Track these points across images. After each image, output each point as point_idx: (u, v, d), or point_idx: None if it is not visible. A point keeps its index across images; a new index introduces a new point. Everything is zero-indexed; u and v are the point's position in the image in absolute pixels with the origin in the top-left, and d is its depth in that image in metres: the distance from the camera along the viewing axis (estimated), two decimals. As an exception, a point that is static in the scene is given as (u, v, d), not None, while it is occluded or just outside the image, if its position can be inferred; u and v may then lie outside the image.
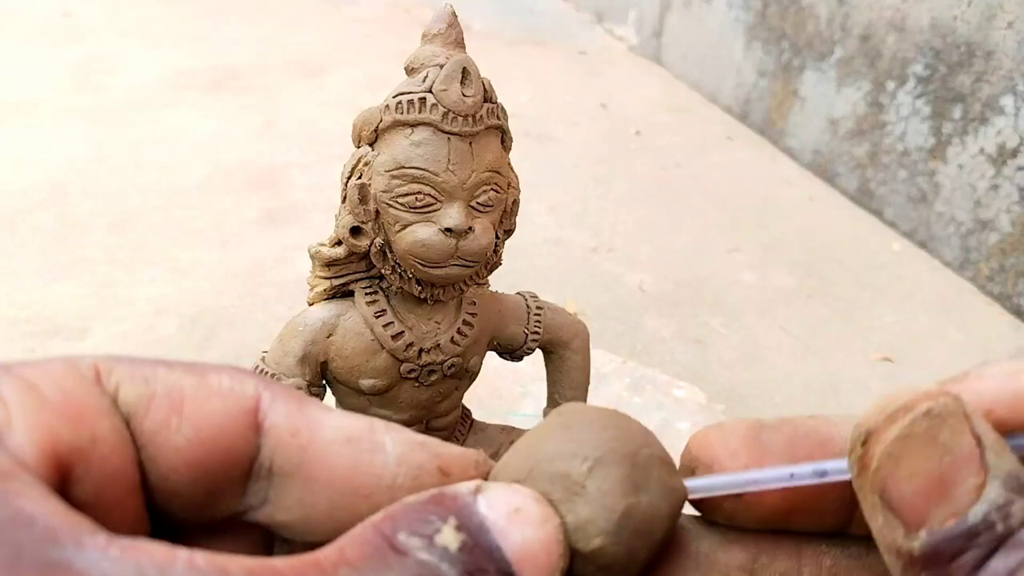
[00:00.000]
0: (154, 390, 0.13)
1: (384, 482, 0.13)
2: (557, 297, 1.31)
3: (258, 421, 0.13)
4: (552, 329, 0.60)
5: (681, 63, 2.57)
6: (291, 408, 0.13)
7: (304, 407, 0.13)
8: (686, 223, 1.66)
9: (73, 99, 1.85)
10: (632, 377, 1.08)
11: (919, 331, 1.38)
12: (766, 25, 2.15)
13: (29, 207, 1.40)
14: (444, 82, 0.46)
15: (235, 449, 0.13)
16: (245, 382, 0.13)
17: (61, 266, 1.25)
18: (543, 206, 1.62)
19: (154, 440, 0.12)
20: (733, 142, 2.13)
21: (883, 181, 1.77)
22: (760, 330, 1.32)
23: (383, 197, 0.47)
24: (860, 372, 1.25)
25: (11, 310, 1.13)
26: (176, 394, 0.13)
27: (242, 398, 0.13)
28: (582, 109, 2.21)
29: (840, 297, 1.46)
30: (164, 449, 0.12)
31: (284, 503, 0.13)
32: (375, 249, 0.50)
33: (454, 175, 0.47)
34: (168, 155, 1.65)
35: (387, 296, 0.53)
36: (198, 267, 1.28)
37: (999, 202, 1.50)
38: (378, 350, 0.53)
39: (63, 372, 0.12)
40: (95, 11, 2.44)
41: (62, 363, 0.12)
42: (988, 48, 1.51)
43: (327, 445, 0.13)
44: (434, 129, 0.46)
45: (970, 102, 1.55)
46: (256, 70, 2.14)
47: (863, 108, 1.82)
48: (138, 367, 0.13)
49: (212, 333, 1.14)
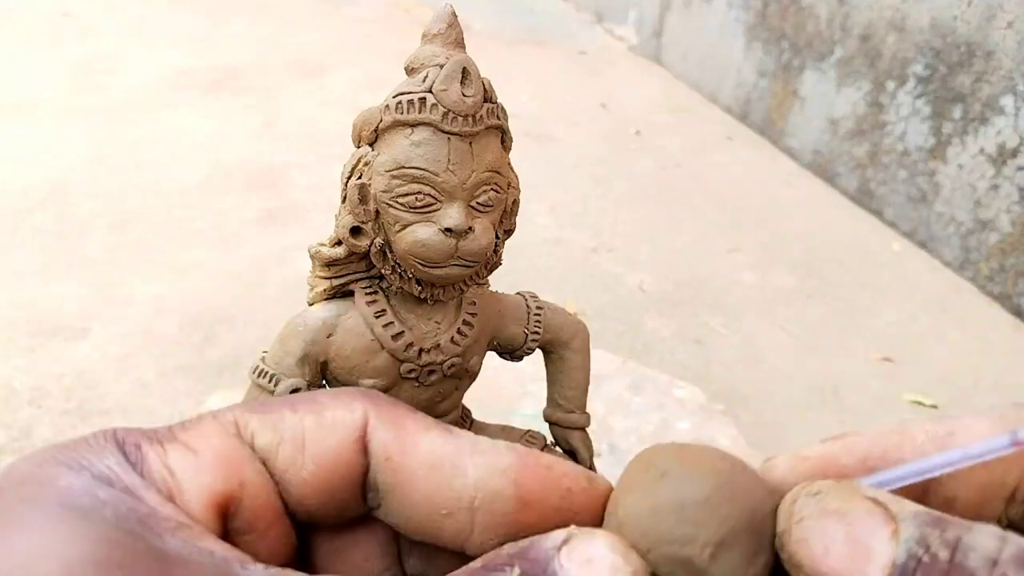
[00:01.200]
0: (281, 435, 0.15)
1: (463, 504, 0.15)
2: (557, 297, 1.31)
3: (365, 445, 0.15)
4: (552, 329, 0.60)
5: (681, 63, 2.57)
6: (389, 435, 0.15)
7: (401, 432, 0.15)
8: (686, 223, 1.66)
9: (73, 99, 1.85)
10: (632, 377, 1.08)
11: (919, 331, 1.38)
12: (766, 25, 2.15)
13: (29, 207, 1.40)
14: (444, 82, 0.46)
15: (350, 471, 0.15)
16: (355, 410, 0.16)
17: (61, 266, 1.25)
18: (543, 206, 1.62)
19: (285, 476, 0.15)
20: (733, 142, 2.13)
21: (883, 181, 1.77)
22: (760, 330, 1.32)
23: (383, 197, 0.47)
24: (860, 372, 1.25)
25: (11, 310, 1.13)
26: (299, 436, 0.15)
27: (351, 428, 0.15)
28: (582, 109, 2.21)
29: (840, 297, 1.46)
30: (294, 482, 0.15)
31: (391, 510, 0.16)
32: (375, 249, 0.50)
33: (454, 175, 0.47)
34: (168, 155, 1.65)
35: (387, 296, 0.53)
36: (198, 267, 1.28)
37: (999, 202, 1.50)
38: (378, 350, 0.53)
39: (212, 431, 0.15)
40: (95, 11, 2.44)
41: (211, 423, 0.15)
42: (988, 48, 1.51)
43: (415, 470, 0.15)
44: (434, 129, 0.46)
45: (970, 102, 1.55)
46: (256, 70, 2.14)
47: (863, 108, 1.82)
48: (268, 415, 0.16)
49: (212, 332, 1.14)
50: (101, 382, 1.02)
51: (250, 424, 0.15)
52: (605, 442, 0.96)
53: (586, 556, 0.13)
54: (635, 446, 0.93)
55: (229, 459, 0.15)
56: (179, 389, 1.02)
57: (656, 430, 0.98)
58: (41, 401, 0.98)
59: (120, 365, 1.05)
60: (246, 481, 0.15)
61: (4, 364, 1.03)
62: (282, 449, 0.15)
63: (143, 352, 1.08)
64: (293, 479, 0.15)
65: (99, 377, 1.03)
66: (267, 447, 0.15)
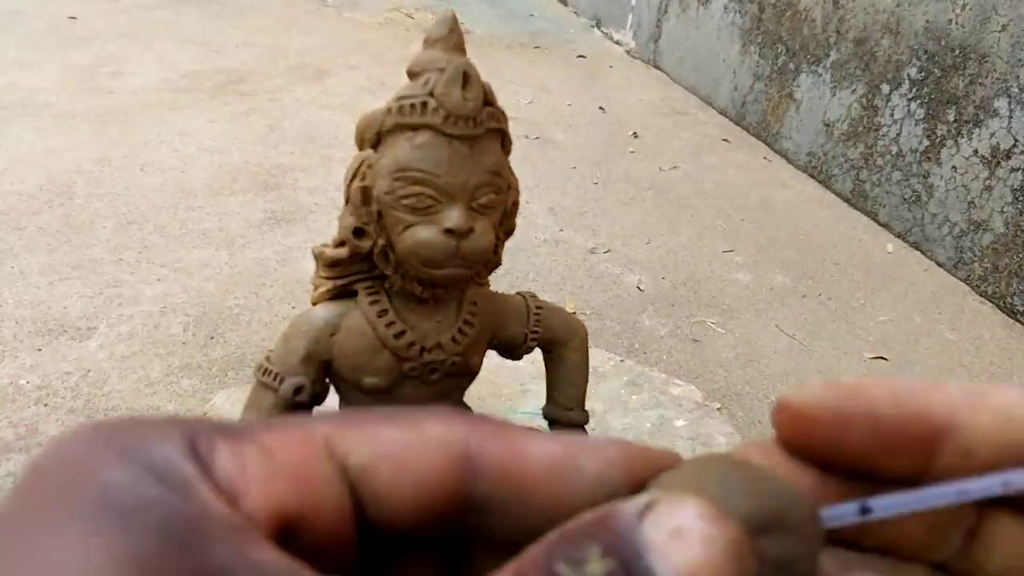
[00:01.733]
0: (380, 452, 0.14)
1: (585, 501, 0.14)
2: (556, 297, 1.32)
3: (471, 463, 0.15)
4: (551, 328, 0.61)
5: (678, 67, 2.58)
6: (500, 447, 0.15)
7: (511, 442, 0.15)
8: (683, 224, 1.67)
9: (79, 102, 1.86)
10: (630, 375, 1.09)
11: (913, 331, 1.40)
12: (762, 29, 2.17)
13: (36, 208, 1.42)
14: (445, 86, 0.47)
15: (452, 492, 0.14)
16: (455, 429, 0.15)
17: (67, 266, 1.26)
18: (543, 207, 1.64)
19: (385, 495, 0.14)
20: (729, 144, 2.15)
21: (877, 183, 1.79)
22: (756, 329, 1.34)
23: (385, 199, 0.49)
24: (855, 371, 1.26)
25: (18, 310, 1.15)
26: (399, 454, 0.14)
27: (454, 445, 0.15)
28: (581, 112, 2.23)
29: (835, 297, 1.48)
30: (394, 502, 0.14)
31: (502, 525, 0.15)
32: (377, 250, 0.51)
33: (455, 177, 0.48)
34: (173, 157, 1.66)
35: (389, 296, 0.54)
36: (203, 268, 1.30)
37: (992, 203, 1.51)
38: (380, 349, 0.54)
39: (298, 441, 0.14)
40: (100, 15, 2.46)
41: (299, 432, 0.14)
42: (982, 51, 1.53)
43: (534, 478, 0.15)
44: (435, 132, 0.47)
45: (964, 104, 1.57)
46: (260, 74, 2.16)
47: (858, 111, 1.84)
48: (366, 431, 0.15)
49: (217, 333, 1.15)
50: (107, 381, 1.04)
51: (345, 440, 0.15)
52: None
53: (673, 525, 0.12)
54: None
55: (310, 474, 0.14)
56: (184, 388, 1.04)
57: (653, 428, 1.00)
58: (47, 399, 1.00)
59: (126, 364, 1.07)
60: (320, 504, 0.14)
61: (11, 363, 1.05)
62: (382, 468, 0.14)
63: (149, 351, 1.10)
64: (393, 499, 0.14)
65: (105, 376, 1.05)
66: (363, 465, 0.14)
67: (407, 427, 0.15)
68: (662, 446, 0.16)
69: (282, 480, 0.13)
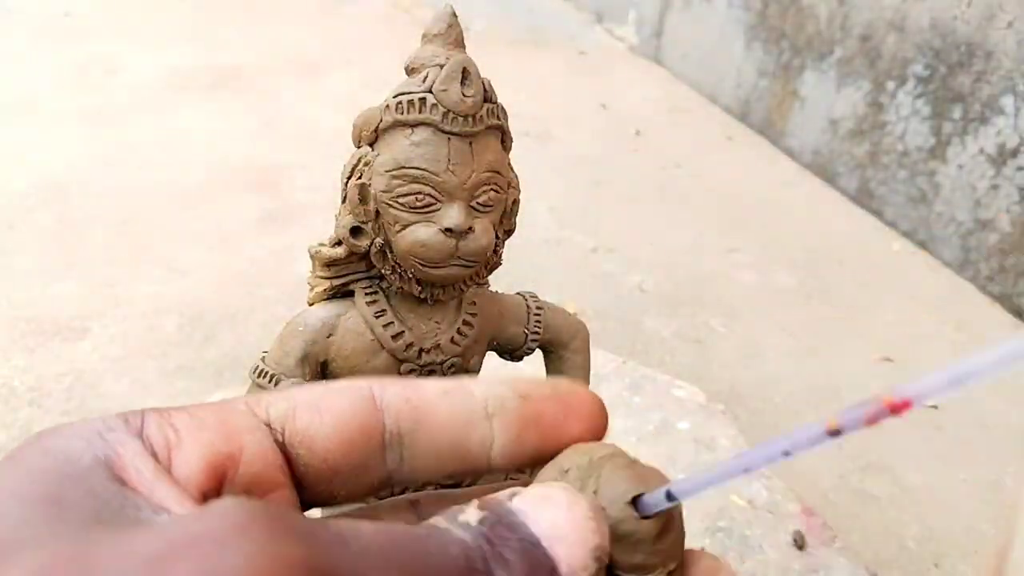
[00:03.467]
0: (296, 402, 0.17)
1: (478, 415, 0.17)
2: (557, 297, 1.31)
3: (377, 403, 0.17)
4: (552, 329, 0.60)
5: (681, 63, 2.57)
6: (398, 385, 0.17)
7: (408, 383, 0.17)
8: (686, 223, 1.66)
9: (73, 99, 1.85)
10: (632, 377, 1.08)
11: (919, 331, 1.38)
12: (766, 25, 2.15)
13: (29, 207, 1.40)
14: (444, 82, 0.46)
15: (367, 426, 0.17)
16: (358, 381, 0.17)
17: (61, 266, 1.25)
18: (543, 206, 1.62)
19: (307, 433, 0.16)
20: (733, 142, 2.13)
21: (883, 181, 1.78)
22: (760, 330, 1.32)
23: (383, 197, 0.47)
24: (860, 372, 1.25)
25: (11, 310, 1.14)
26: (313, 400, 0.17)
27: (361, 389, 0.17)
28: (582, 109, 2.22)
29: (840, 297, 1.46)
30: (317, 438, 0.16)
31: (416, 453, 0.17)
32: (375, 249, 0.50)
33: (454, 175, 0.47)
34: (168, 155, 1.65)
35: (387, 296, 0.53)
36: (198, 267, 1.29)
37: (999, 202, 1.50)
38: (378, 350, 0.53)
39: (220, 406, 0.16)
40: (95, 11, 2.44)
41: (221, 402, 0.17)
42: (988, 48, 1.51)
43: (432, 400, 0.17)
44: (434, 129, 0.46)
45: (970, 102, 1.55)
46: (256, 70, 2.15)
47: (863, 108, 1.82)
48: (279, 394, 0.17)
49: (212, 333, 1.14)
50: (101, 382, 1.02)
51: (262, 402, 0.17)
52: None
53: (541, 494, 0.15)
54: (635, 446, 0.93)
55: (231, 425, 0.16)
56: (179, 389, 1.02)
57: (656, 430, 0.99)
58: (41, 401, 0.98)
59: (120, 365, 1.06)
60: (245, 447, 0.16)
61: (4, 364, 1.03)
62: (299, 412, 0.16)
63: (143, 352, 1.08)
64: (315, 436, 0.16)
65: (99, 377, 1.03)
66: (283, 414, 0.16)
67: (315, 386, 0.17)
68: (665, 449, 0.19)
69: (208, 431, 0.15)
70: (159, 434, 0.15)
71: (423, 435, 0.17)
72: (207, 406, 0.16)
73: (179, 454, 0.15)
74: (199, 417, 0.16)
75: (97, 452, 0.14)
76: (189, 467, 0.15)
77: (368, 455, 0.17)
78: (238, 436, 0.16)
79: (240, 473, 0.15)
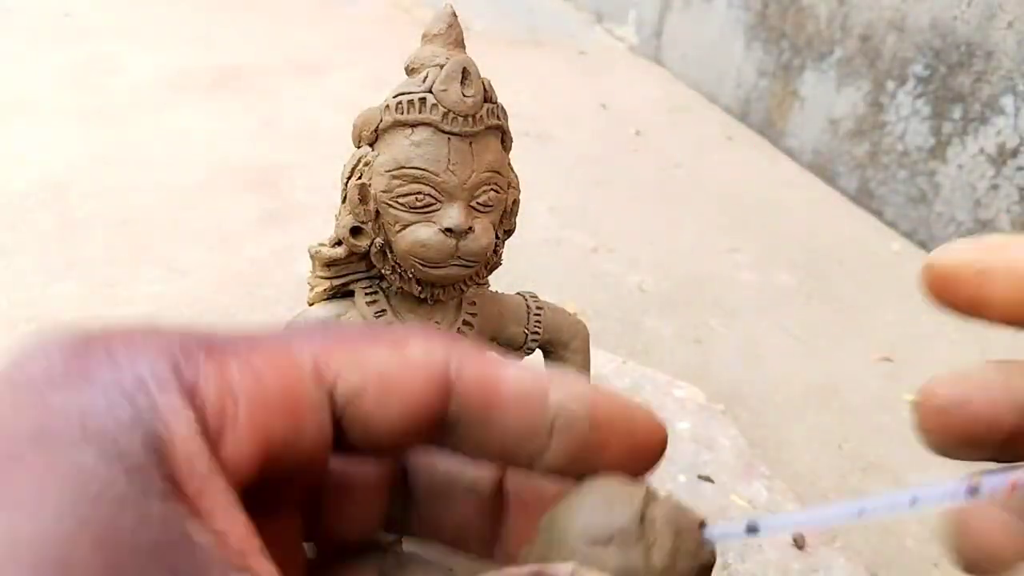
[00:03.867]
0: (367, 377, 0.15)
1: (543, 429, 0.16)
2: (557, 297, 1.31)
3: (449, 382, 0.16)
4: (552, 329, 0.60)
5: (681, 63, 2.57)
6: (477, 371, 0.16)
7: (488, 367, 0.16)
8: (686, 223, 1.66)
9: (73, 99, 1.85)
10: (632, 377, 1.08)
11: (919, 331, 1.38)
12: (766, 25, 2.15)
13: (29, 207, 1.40)
14: (444, 82, 0.46)
15: (433, 413, 0.15)
16: (437, 349, 0.16)
17: (61, 266, 1.25)
18: (543, 206, 1.62)
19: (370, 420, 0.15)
20: (733, 142, 2.13)
21: (883, 181, 1.78)
22: (760, 330, 1.32)
23: (383, 197, 0.47)
24: (860, 372, 1.25)
25: (11, 310, 1.14)
26: (385, 377, 0.15)
27: (436, 366, 0.15)
28: (582, 109, 2.22)
29: (840, 297, 1.46)
30: (378, 425, 0.15)
31: (471, 441, 0.16)
32: (375, 249, 0.50)
33: (454, 175, 0.47)
34: (168, 155, 1.65)
35: (387, 296, 0.53)
36: (198, 267, 1.29)
37: (999, 202, 1.50)
38: (378, 350, 0.52)
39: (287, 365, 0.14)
40: (95, 11, 2.44)
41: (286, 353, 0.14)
42: (988, 48, 1.51)
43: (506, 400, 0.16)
44: (434, 129, 0.46)
45: (970, 102, 1.55)
46: (256, 70, 2.15)
47: (863, 108, 1.82)
48: (354, 352, 0.15)
49: (212, 333, 1.14)
50: (101, 382, 1.02)
51: (333, 363, 0.15)
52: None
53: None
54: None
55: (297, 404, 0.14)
56: (179, 389, 1.02)
57: (656, 430, 0.99)
58: (41, 401, 0.98)
59: (120, 365, 1.05)
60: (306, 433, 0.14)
61: (4, 364, 1.03)
62: (369, 392, 0.15)
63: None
64: (381, 420, 0.15)
65: (99, 377, 1.03)
66: (351, 392, 0.15)
67: (392, 347, 0.15)
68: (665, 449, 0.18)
69: (270, 410, 0.13)
70: (215, 401, 0.12)
71: (479, 430, 0.16)
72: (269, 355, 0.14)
73: (232, 436, 0.12)
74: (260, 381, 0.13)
75: (147, 429, 0.11)
76: (240, 456, 0.12)
77: (421, 436, 0.16)
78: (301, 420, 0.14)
79: (290, 460, 0.14)
